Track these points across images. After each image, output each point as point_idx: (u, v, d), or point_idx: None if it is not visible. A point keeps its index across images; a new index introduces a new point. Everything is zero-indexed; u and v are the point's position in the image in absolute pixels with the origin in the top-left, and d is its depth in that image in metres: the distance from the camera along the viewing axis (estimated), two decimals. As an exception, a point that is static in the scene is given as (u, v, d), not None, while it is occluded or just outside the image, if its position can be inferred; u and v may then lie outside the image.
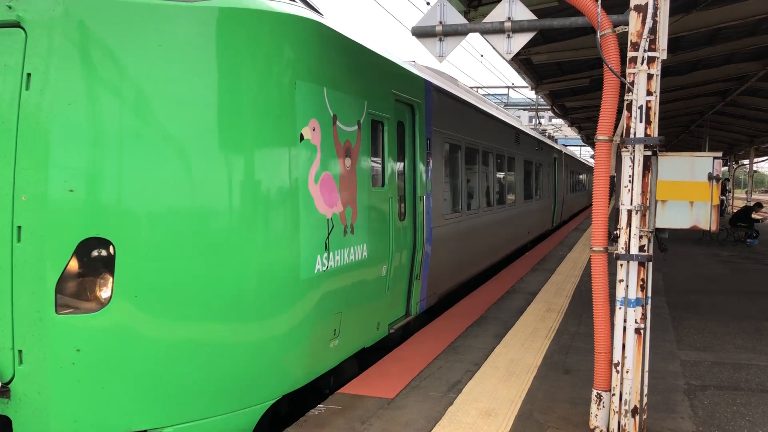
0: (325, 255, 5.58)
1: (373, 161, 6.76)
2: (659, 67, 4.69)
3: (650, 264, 4.79)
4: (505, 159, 14.12)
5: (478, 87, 30.10)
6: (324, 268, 5.55)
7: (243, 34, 4.91)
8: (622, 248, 4.75)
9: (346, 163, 6.00)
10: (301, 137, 5.25)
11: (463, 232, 10.46)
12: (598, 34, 4.79)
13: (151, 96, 4.59)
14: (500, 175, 13.67)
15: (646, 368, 4.88)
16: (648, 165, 4.72)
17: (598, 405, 4.95)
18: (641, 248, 4.73)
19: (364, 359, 7.23)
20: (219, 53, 4.80)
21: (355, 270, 6.22)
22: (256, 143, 4.95)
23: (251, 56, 4.95)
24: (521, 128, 16.72)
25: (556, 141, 28.91)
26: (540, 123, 33.34)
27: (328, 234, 5.64)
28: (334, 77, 5.80)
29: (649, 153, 4.70)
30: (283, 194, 5.13)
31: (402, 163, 7.81)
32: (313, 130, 5.41)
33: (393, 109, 7.28)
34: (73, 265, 4.42)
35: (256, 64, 4.99)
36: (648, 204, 4.75)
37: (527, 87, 22.96)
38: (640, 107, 4.66)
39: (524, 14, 5.34)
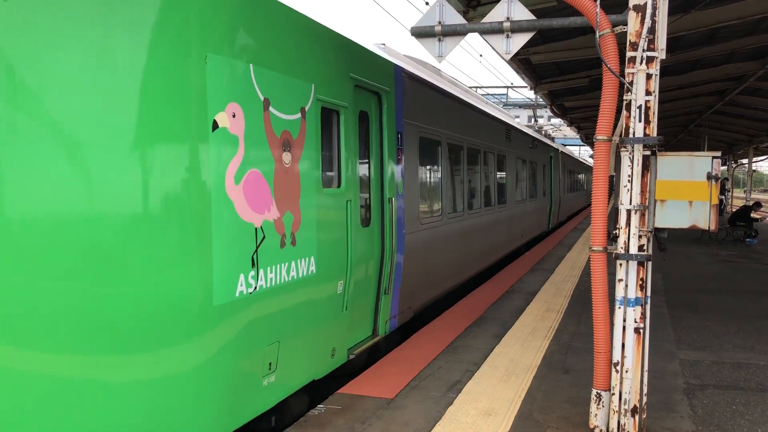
0: (252, 273, 4.56)
1: (324, 157, 5.74)
2: (658, 67, 4.69)
3: (649, 263, 4.80)
4: (495, 157, 13.03)
5: (477, 87, 30.12)
6: (251, 290, 4.55)
7: None
8: (622, 248, 4.75)
9: (284, 159, 4.96)
10: (215, 125, 4.21)
11: (443, 238, 9.38)
12: (597, 34, 4.79)
13: None
14: (488, 174, 12.61)
15: (646, 368, 4.89)
16: (647, 165, 4.72)
17: (598, 404, 4.96)
18: (640, 248, 4.74)
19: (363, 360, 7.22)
20: (94, 13, 3.75)
21: (299, 289, 5.22)
22: (148, 132, 3.89)
23: (141, 19, 3.87)
24: (513, 124, 15.74)
25: (553, 139, 28.51)
26: (536, 121, 33.29)
27: (257, 247, 4.62)
28: (265, 53, 4.78)
29: (648, 153, 4.71)
30: (187, 198, 4.06)
31: (366, 160, 6.77)
32: (234, 116, 4.38)
33: (352, 96, 6.23)
34: None
35: (148, 30, 3.89)
36: (647, 204, 4.75)
37: (526, 87, 23.00)
38: (639, 107, 4.66)
39: (523, 14, 5.35)
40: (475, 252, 11.46)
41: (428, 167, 9.02)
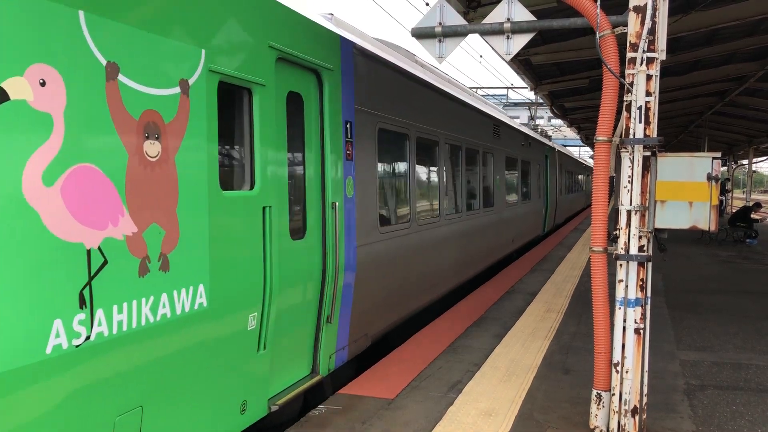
0: (82, 317, 3.26)
1: (225, 149, 4.53)
2: (658, 68, 4.70)
3: (650, 264, 4.81)
4: (480, 155, 11.66)
5: (477, 87, 30.14)
6: (79, 341, 3.24)
7: None
8: (622, 248, 4.76)
9: (147, 150, 3.62)
10: (3, 96, 2.93)
11: (412, 249, 7.98)
12: (597, 35, 4.80)
13: None
14: (472, 174, 11.25)
15: (646, 368, 4.90)
16: (647, 165, 4.73)
17: (598, 405, 4.97)
18: (641, 248, 4.74)
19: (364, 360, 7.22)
20: None
21: (177, 331, 3.89)
22: None
23: None
24: (502, 119, 14.25)
25: (550, 138, 27.71)
26: (533, 120, 33.06)
27: (92, 277, 3.32)
28: None
29: (648, 153, 4.72)
30: None
31: (300, 155, 5.47)
32: (43, 84, 3.09)
33: (273, 72, 4.89)
34: None
35: None
36: (647, 204, 4.76)
37: (526, 88, 23.03)
38: (639, 108, 4.67)
39: (523, 15, 5.35)
40: (455, 262, 10.10)
41: (392, 165, 7.60)
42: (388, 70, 7.28)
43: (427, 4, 15.12)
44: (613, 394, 4.86)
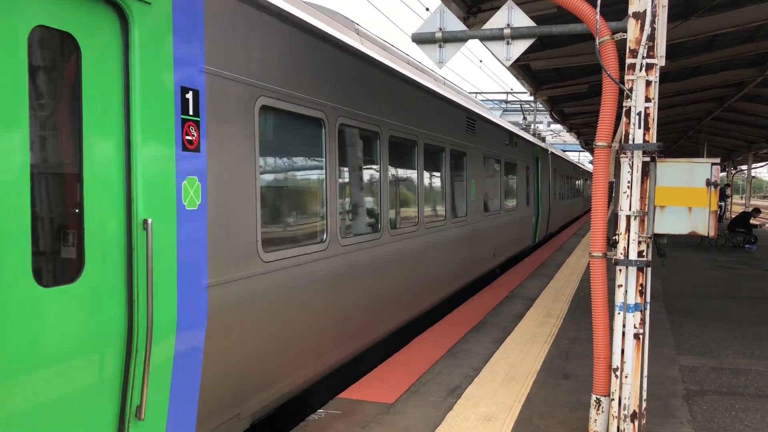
0: None
1: None
2: (657, 74, 4.72)
3: (649, 269, 4.81)
4: (446, 154, 9.61)
5: (477, 92, 30.19)
6: None
7: None
8: (621, 253, 4.77)
9: None
10: None
11: (330, 280, 5.88)
12: (597, 41, 4.82)
13: None
14: (433, 177, 9.23)
15: (645, 373, 4.90)
16: (646, 171, 4.74)
17: (598, 410, 4.97)
18: (640, 254, 4.75)
19: (362, 360, 7.21)
20: None
21: None
22: None
23: None
24: (479, 112, 12.01)
25: (543, 139, 25.99)
26: (525, 119, 32.75)
27: None
28: None
29: (647, 159, 4.73)
30: None
31: (69, 139, 3.32)
32: None
33: None
34: None
35: None
36: (647, 209, 4.77)
37: (526, 93, 23.07)
38: (639, 113, 4.69)
39: (523, 21, 5.37)
40: (407, 290, 8.02)
41: (292, 161, 5.61)
42: (284, 24, 5.15)
43: (428, 10, 15.18)
44: (613, 399, 4.86)
